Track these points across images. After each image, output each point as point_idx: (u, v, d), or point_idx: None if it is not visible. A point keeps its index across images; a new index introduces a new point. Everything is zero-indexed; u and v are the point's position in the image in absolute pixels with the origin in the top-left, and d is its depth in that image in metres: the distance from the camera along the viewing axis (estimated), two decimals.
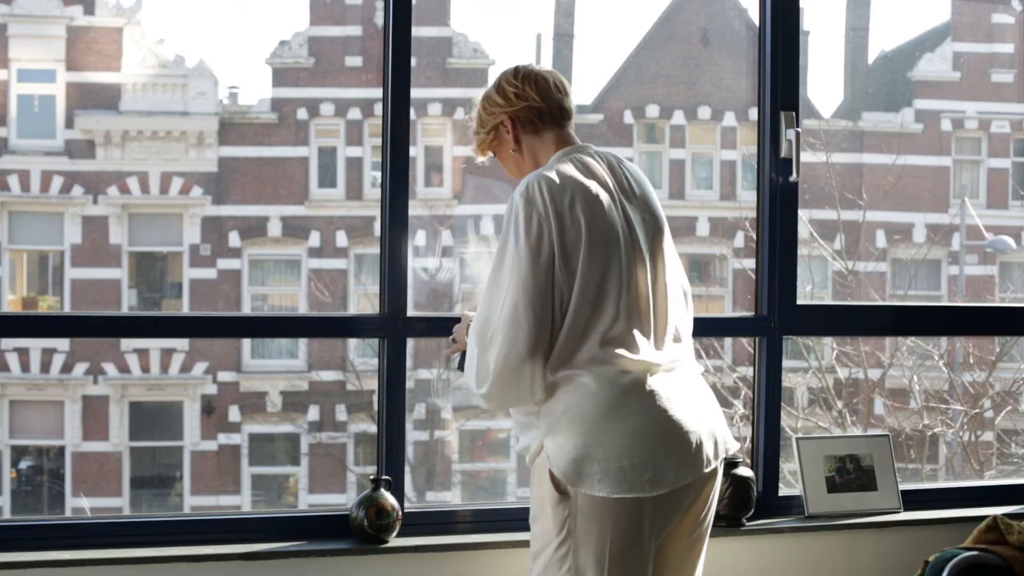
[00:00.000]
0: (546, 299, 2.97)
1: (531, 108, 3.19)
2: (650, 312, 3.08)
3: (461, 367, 3.21)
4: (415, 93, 3.77)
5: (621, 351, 2.99)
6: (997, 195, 16.63)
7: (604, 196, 3.07)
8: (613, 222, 3.06)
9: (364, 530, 3.58)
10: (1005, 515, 2.71)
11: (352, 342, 15.23)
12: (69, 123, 15.62)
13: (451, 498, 14.44)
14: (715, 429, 3.07)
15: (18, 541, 3.44)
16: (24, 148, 15.56)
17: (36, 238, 15.68)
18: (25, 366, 15.47)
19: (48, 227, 15.63)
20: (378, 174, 11.79)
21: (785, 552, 3.59)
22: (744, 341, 11.67)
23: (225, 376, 15.79)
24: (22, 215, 15.70)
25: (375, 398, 3.86)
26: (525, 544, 3.65)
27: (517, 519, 3.73)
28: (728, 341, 12.86)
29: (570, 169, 3.09)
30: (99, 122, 15.64)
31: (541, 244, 2.98)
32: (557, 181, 3.04)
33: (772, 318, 4.04)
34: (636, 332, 3.03)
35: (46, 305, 15.58)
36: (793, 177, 4.04)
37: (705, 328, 3.56)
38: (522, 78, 3.20)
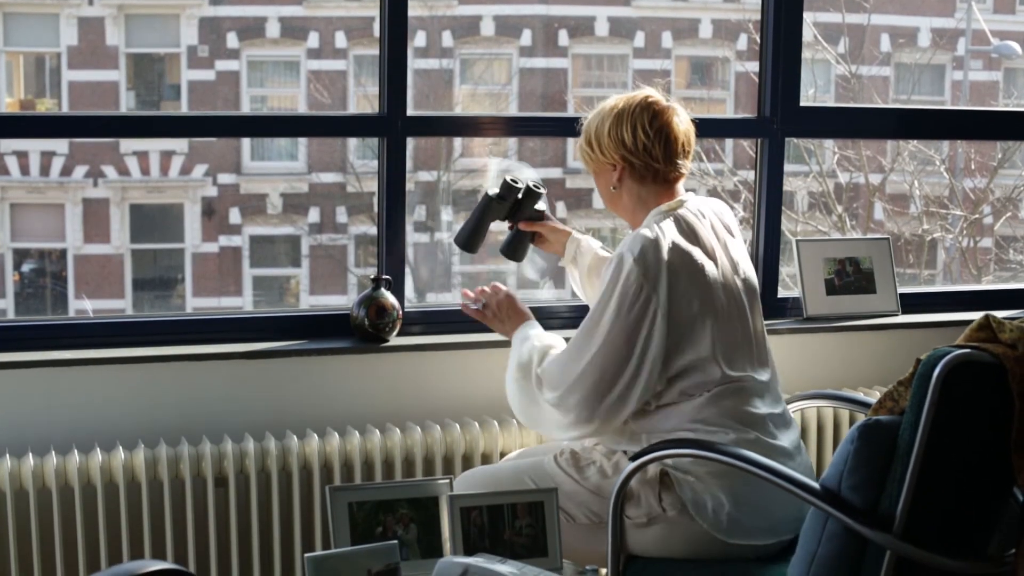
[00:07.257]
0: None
1: (649, 165, 3.07)
2: None
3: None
4: None
5: None
6: None
7: (709, 265, 3.02)
8: (718, 290, 3.03)
9: (364, 329, 3.61)
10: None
11: (352, 144, 15.17)
12: None
13: (451, 299, 14.52)
14: None
15: (22, 341, 3.46)
16: None
17: (32, 40, 15.50)
18: (24, 169, 15.44)
19: (44, 28, 15.44)
20: None
21: (783, 353, 3.61)
22: (745, 145, 11.63)
23: (225, 178, 15.78)
24: (16, 16, 15.52)
25: (375, 199, 3.85)
26: None
27: None
28: (729, 144, 12.81)
29: (676, 235, 3.00)
30: None
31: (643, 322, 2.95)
32: (665, 256, 2.95)
33: (775, 119, 4.02)
34: None
35: (44, 107, 15.48)
36: None
37: (707, 129, 3.53)
38: (656, 130, 3.04)
